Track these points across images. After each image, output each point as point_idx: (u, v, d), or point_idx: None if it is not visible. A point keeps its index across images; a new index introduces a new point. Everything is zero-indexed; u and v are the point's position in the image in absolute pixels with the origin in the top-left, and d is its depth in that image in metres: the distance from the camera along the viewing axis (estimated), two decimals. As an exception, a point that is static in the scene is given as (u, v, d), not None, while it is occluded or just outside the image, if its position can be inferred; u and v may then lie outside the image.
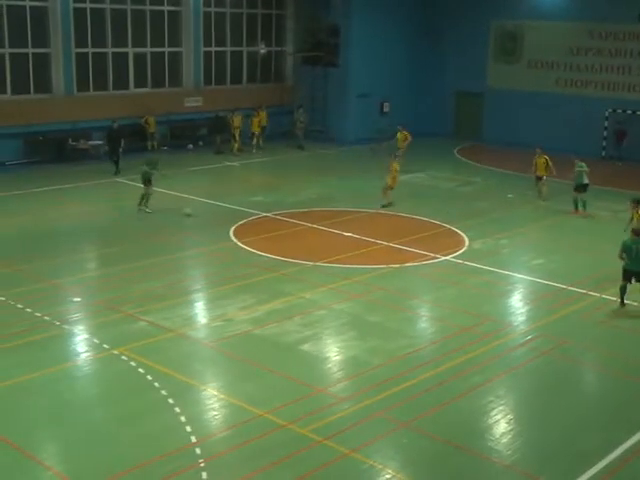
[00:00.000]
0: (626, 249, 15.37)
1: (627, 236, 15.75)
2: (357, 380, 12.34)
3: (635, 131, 30.93)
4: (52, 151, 27.99)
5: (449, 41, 35.90)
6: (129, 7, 30.39)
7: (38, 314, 14.40)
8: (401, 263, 18.10)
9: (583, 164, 22.94)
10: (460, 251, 19.14)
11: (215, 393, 11.82)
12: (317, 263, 17.88)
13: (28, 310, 14.57)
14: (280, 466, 9.90)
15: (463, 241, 19.97)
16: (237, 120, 31.15)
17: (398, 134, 29.10)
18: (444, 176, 28.25)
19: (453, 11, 35.70)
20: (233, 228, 20.46)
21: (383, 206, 22.89)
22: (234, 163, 29.62)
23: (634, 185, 26.80)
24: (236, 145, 31.07)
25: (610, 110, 31.42)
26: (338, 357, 13.31)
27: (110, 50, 30.23)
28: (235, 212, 21.89)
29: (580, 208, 22.86)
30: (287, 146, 32.82)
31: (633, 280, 15.43)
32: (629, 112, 31.07)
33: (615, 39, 31.77)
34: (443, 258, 18.55)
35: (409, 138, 28.68)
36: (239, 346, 13.49)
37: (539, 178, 24.31)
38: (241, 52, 34.60)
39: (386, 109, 35.45)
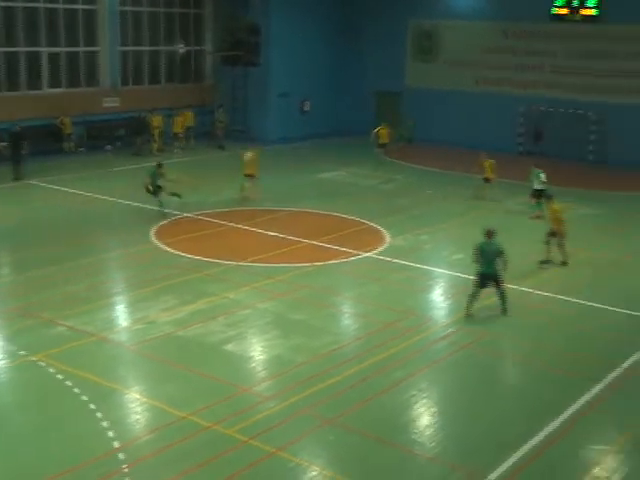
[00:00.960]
0: (480, 251, 14.78)
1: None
2: (282, 378, 12.33)
3: (550, 127, 31.72)
4: (-37, 154, 27.10)
5: (368, 40, 36.17)
6: (42, 5, 29.65)
7: (-49, 322, 13.94)
8: (324, 261, 18.16)
9: (540, 171, 22.75)
10: (382, 248, 19.31)
11: (138, 397, 11.63)
12: (240, 263, 17.79)
13: (-60, 318, 14.09)
14: (206, 468, 9.81)
15: (385, 238, 20.15)
16: (156, 120, 30.76)
17: (381, 130, 29.28)
18: (365, 174, 28.44)
19: (371, 10, 35.99)
20: (154, 229, 20.19)
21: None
22: (154, 164, 29.12)
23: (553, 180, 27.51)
24: (155, 145, 30.68)
25: (525, 107, 32.17)
26: (262, 356, 13.28)
27: (22, 49, 29.44)
28: (156, 213, 21.58)
29: (537, 210, 22.28)
30: (208, 146, 32.54)
31: (489, 284, 14.79)
32: (542, 109, 31.88)
33: (529, 38, 32.54)
34: (365, 255, 18.68)
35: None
36: (162, 348, 13.31)
37: (487, 180, 24.54)
38: (159, 51, 34.15)
39: (306, 108, 35.53)
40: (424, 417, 11.38)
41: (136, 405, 11.40)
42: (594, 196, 25.91)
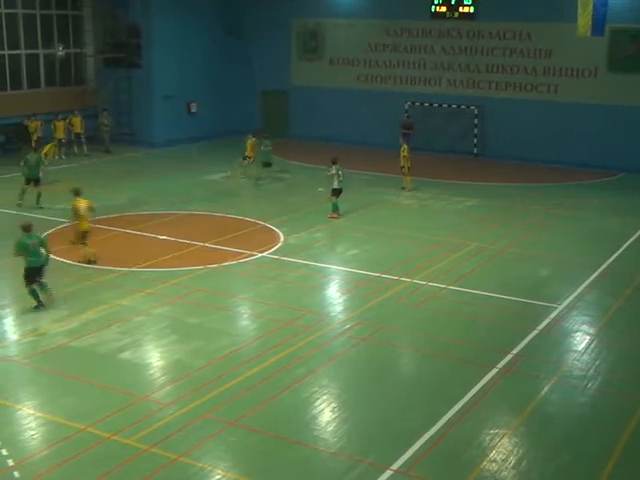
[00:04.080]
0: (22, 247, 14.81)
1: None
2: (181, 384, 12.16)
3: (434, 122, 32.45)
4: None
5: (253, 39, 36.06)
6: None
7: None
8: (218, 263, 18.03)
9: (337, 168, 22.26)
10: (276, 247, 19.32)
11: (31, 412, 11.25)
12: (132, 269, 17.45)
13: None
14: (110, 478, 9.58)
15: (278, 237, 20.17)
16: (33, 126, 29.85)
17: (247, 142, 27.30)
18: (254, 174, 28.27)
19: (256, 9, 35.86)
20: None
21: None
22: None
23: (439, 174, 28.24)
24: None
25: (409, 103, 32.82)
26: (160, 362, 13.07)
27: None
28: (42, 221, 20.89)
29: (334, 211, 22.30)
30: (94, 150, 31.74)
31: (37, 279, 14.92)
32: (427, 105, 32.60)
33: (409, 36, 33.21)
34: (260, 255, 18.65)
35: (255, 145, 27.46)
36: (55, 360, 12.92)
37: (403, 168, 25.49)
38: (38, 55, 33.01)
39: (194, 109, 35.16)
40: (326, 413, 11.45)
41: (30, 421, 11.01)
42: (479, 188, 26.70)
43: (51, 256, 15.41)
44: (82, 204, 17.49)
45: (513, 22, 30.99)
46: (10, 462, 9.87)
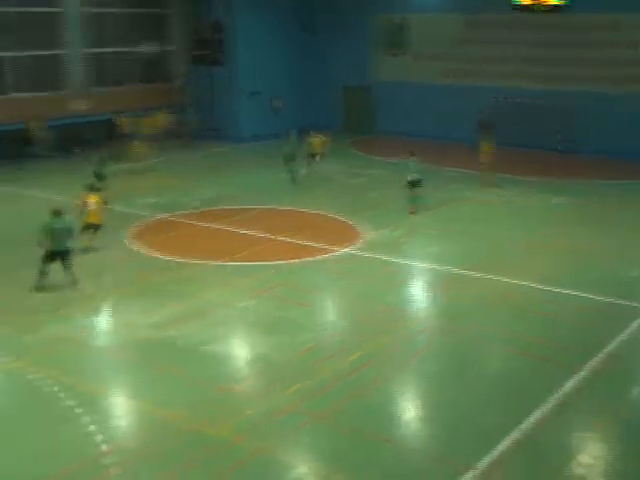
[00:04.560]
0: (48, 231, 15.65)
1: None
2: (266, 376, 12.32)
3: (518, 118, 31.89)
4: None
5: (328, 36, 36.16)
6: (3, 9, 29.24)
7: None
8: (300, 258, 18.15)
9: (412, 161, 22.39)
10: (358, 243, 19.33)
11: (124, 400, 11.62)
12: (217, 262, 17.73)
13: None
14: (194, 468, 9.80)
15: (360, 233, 20.18)
16: (122, 122, 30.64)
17: (313, 140, 27.24)
18: (338, 169, 28.36)
19: (329, 6, 35.96)
20: (127, 232, 20.03)
21: None
22: (124, 165, 28.94)
23: (521, 170, 27.79)
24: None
25: (493, 98, 32.30)
26: (244, 355, 13.29)
27: (-13, 54, 29.10)
28: (128, 215, 21.44)
29: (411, 204, 22.18)
30: (179, 146, 32.34)
31: (59, 259, 15.79)
32: (509, 100, 32.03)
33: (494, 29, 32.70)
34: (342, 251, 18.70)
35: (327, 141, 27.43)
36: (143, 350, 13.24)
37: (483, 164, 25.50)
38: (126, 53, 33.82)
39: (278, 105, 35.47)
40: (411, 409, 11.44)
41: (123, 408, 11.40)
42: (563, 185, 26.11)
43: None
44: (93, 199, 18.40)
45: (601, 13, 30.13)
46: (104, 447, 10.20)
